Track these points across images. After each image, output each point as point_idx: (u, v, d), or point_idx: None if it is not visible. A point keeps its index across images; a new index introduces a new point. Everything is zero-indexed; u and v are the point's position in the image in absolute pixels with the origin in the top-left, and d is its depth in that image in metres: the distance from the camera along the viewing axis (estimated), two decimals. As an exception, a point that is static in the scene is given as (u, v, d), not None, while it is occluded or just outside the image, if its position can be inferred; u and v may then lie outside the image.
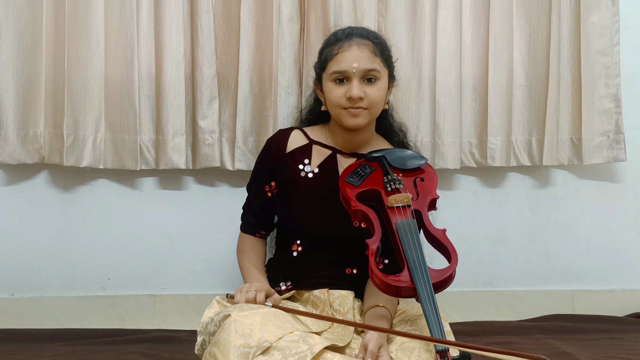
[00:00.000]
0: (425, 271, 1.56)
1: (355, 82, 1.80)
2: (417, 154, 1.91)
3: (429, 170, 1.88)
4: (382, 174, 1.82)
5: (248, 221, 2.00)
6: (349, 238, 1.82)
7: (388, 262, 1.83)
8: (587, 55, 2.39)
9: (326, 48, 1.88)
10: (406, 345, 1.61)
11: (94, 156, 2.23)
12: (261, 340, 1.48)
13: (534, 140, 2.39)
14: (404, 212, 1.69)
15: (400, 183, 1.77)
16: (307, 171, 1.90)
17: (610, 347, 2.03)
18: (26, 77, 2.21)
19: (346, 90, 1.81)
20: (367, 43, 1.83)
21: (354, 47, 1.82)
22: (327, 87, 1.85)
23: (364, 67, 1.80)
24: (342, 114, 1.83)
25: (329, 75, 1.84)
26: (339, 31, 1.90)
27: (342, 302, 1.80)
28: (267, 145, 1.97)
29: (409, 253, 1.59)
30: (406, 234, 1.63)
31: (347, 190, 1.77)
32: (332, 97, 1.83)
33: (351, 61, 1.80)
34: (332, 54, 1.84)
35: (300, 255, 1.89)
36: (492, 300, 2.46)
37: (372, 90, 1.82)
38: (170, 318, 2.35)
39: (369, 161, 1.87)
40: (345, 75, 1.81)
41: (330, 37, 1.91)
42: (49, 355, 1.93)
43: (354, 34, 1.85)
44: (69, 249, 2.32)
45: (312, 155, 1.92)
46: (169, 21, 2.24)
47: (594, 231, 2.50)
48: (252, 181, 1.99)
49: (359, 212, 1.73)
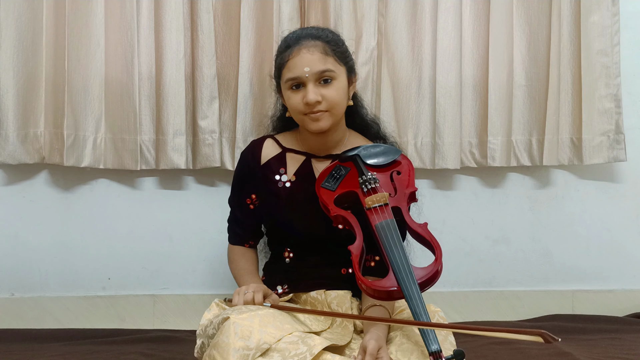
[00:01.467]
0: (410, 271, 1.54)
1: (310, 86, 1.76)
2: (391, 147, 1.87)
3: (405, 161, 1.84)
4: (357, 174, 1.78)
5: (235, 233, 1.99)
6: (338, 239, 1.79)
7: (379, 259, 1.82)
8: (587, 55, 2.39)
9: (278, 56, 1.84)
10: (405, 346, 1.61)
11: (94, 156, 2.23)
12: (260, 342, 1.48)
13: (534, 140, 2.39)
14: (382, 211, 1.66)
15: (376, 182, 1.74)
16: (284, 181, 1.87)
17: (610, 347, 2.03)
18: (26, 77, 2.21)
19: (302, 95, 1.77)
20: (316, 44, 1.79)
21: (303, 51, 1.77)
22: (285, 95, 1.83)
23: (316, 69, 1.76)
24: (304, 120, 1.80)
25: (284, 83, 1.81)
26: (289, 35, 1.86)
27: (340, 302, 1.80)
28: (242, 159, 1.95)
29: (391, 255, 1.58)
30: (386, 236, 1.61)
31: (324, 197, 1.75)
32: (291, 104, 1.80)
33: (302, 66, 1.76)
34: (284, 61, 1.80)
35: (292, 260, 1.88)
36: (492, 300, 2.46)
37: (329, 91, 1.77)
38: (171, 318, 2.35)
39: (343, 162, 1.83)
40: (299, 81, 1.77)
41: (280, 43, 1.87)
42: (49, 355, 1.93)
43: (302, 37, 1.81)
44: (69, 249, 2.32)
45: (287, 163, 1.89)
46: (169, 21, 2.24)
47: (594, 231, 2.50)
48: (233, 195, 1.98)
49: (339, 217, 1.71)
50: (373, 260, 1.83)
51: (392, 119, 2.34)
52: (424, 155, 2.35)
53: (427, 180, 2.43)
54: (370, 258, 1.83)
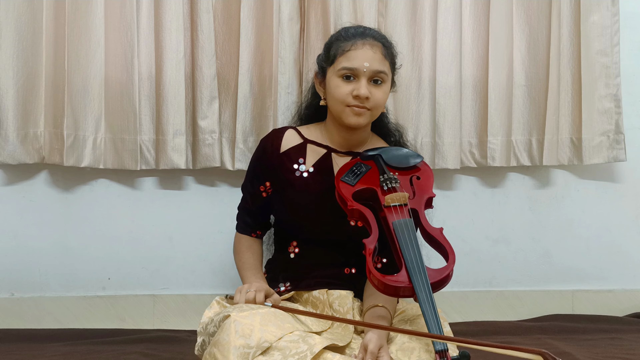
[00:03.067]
0: (423, 271, 1.56)
1: (364, 81, 1.79)
2: (413, 152, 1.91)
3: (425, 168, 1.87)
4: (378, 172, 1.81)
5: (244, 221, 2.00)
6: (346, 237, 1.82)
7: (386, 262, 1.83)
8: (587, 55, 2.39)
9: (336, 42, 1.86)
10: (406, 345, 1.61)
11: (94, 156, 2.23)
12: (261, 340, 1.48)
13: (534, 140, 2.39)
14: (401, 211, 1.68)
15: (396, 182, 1.77)
16: (302, 170, 1.89)
17: (610, 347, 2.03)
18: (26, 77, 2.21)
19: (353, 88, 1.79)
20: (379, 45, 1.83)
21: (367, 47, 1.81)
22: (332, 82, 1.83)
23: (375, 68, 1.80)
24: (344, 111, 1.82)
25: (337, 71, 1.82)
26: (351, 28, 1.89)
27: (341, 302, 1.80)
28: (261, 145, 1.96)
29: (406, 252, 1.59)
30: (403, 234, 1.63)
31: (343, 190, 1.77)
32: (337, 92, 1.81)
33: (363, 60, 1.79)
34: (344, 49, 1.82)
35: (297, 256, 1.89)
36: (492, 300, 2.46)
37: (378, 92, 1.81)
38: (171, 318, 2.35)
39: (364, 160, 1.86)
40: (355, 72, 1.80)
41: (340, 31, 1.89)
42: (49, 355, 1.93)
43: (367, 34, 1.84)
44: (69, 249, 2.32)
45: (306, 154, 1.91)
46: (169, 21, 2.24)
47: (594, 231, 2.50)
48: (247, 181, 1.98)
49: (356, 211, 1.72)
50: (380, 262, 1.84)
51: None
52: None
53: (427, 180, 2.43)
54: (378, 260, 1.84)
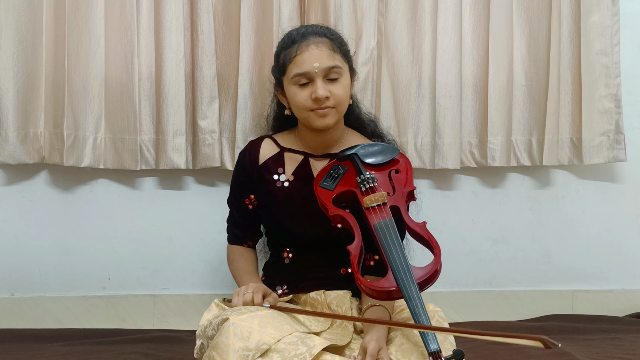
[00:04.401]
0: (408, 271, 1.55)
1: (319, 82, 1.76)
2: (389, 146, 1.87)
3: (403, 160, 1.84)
4: (355, 173, 1.78)
5: (234, 234, 1.99)
6: (337, 239, 1.79)
7: (378, 258, 1.81)
8: (587, 55, 2.38)
9: (282, 51, 1.83)
10: (405, 346, 1.61)
11: (94, 156, 2.23)
12: (260, 342, 1.48)
13: (534, 140, 2.39)
14: (381, 211, 1.66)
15: (374, 181, 1.74)
16: (282, 180, 1.88)
17: (610, 347, 2.03)
18: (26, 77, 2.21)
19: (311, 91, 1.77)
20: (324, 40, 1.79)
21: (312, 47, 1.77)
22: (290, 91, 1.81)
23: (325, 65, 1.76)
24: (309, 116, 1.79)
25: (290, 79, 1.79)
26: (293, 31, 1.85)
27: (339, 303, 1.80)
28: (240, 159, 1.95)
29: (389, 254, 1.58)
30: (385, 235, 1.61)
31: (322, 196, 1.75)
32: (297, 100, 1.79)
33: (311, 61, 1.76)
34: (291, 56, 1.79)
35: (292, 261, 1.89)
36: (492, 300, 2.46)
37: (336, 88, 1.78)
38: (171, 318, 2.35)
39: (341, 161, 1.83)
40: (308, 76, 1.77)
41: (284, 38, 1.86)
42: (49, 355, 1.93)
43: (309, 33, 1.80)
44: (69, 249, 2.32)
45: (285, 163, 1.89)
46: (169, 21, 2.24)
47: (594, 231, 2.50)
48: (231, 196, 1.98)
49: (337, 217, 1.71)
50: (372, 260, 1.83)
51: (392, 118, 2.34)
52: (423, 155, 2.35)
53: (426, 180, 2.43)
54: (370, 257, 1.83)
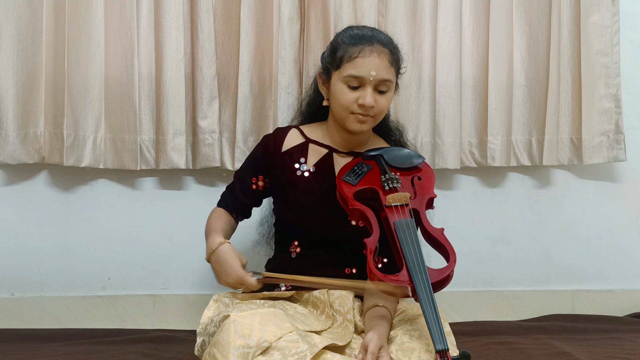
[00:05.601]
0: (424, 270, 1.56)
1: (369, 90, 1.77)
2: (414, 153, 1.91)
3: (427, 169, 1.88)
4: (379, 172, 1.81)
5: (225, 201, 1.99)
6: (347, 237, 1.82)
7: (387, 261, 1.83)
8: (587, 55, 2.39)
9: (343, 46, 1.82)
10: (406, 345, 1.61)
11: (94, 156, 2.23)
12: (261, 340, 1.48)
13: (534, 140, 2.39)
14: (402, 211, 1.69)
15: (398, 182, 1.77)
16: (303, 170, 1.89)
17: (610, 347, 2.03)
18: (26, 77, 2.21)
19: (358, 96, 1.78)
20: (386, 52, 1.80)
21: (375, 55, 1.78)
22: (337, 87, 1.82)
23: (381, 77, 1.78)
24: (348, 117, 1.81)
25: (342, 77, 1.79)
26: (359, 31, 1.84)
27: (342, 302, 1.79)
28: (264, 142, 1.96)
29: (407, 252, 1.59)
30: (405, 234, 1.63)
31: (345, 189, 1.77)
32: (342, 99, 1.80)
33: (370, 68, 1.77)
34: (351, 55, 1.79)
35: (299, 256, 1.89)
36: (492, 300, 2.46)
37: (382, 100, 1.80)
38: (171, 318, 2.35)
39: (366, 160, 1.86)
40: (361, 81, 1.78)
41: (349, 34, 1.84)
42: (49, 355, 1.93)
43: (375, 39, 1.80)
44: (69, 249, 2.32)
45: (308, 154, 1.91)
46: (169, 21, 2.24)
47: (594, 231, 2.50)
48: (241, 170, 1.99)
49: (357, 211, 1.73)
50: (381, 262, 1.84)
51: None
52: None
53: (427, 180, 2.44)
54: (379, 259, 1.84)
